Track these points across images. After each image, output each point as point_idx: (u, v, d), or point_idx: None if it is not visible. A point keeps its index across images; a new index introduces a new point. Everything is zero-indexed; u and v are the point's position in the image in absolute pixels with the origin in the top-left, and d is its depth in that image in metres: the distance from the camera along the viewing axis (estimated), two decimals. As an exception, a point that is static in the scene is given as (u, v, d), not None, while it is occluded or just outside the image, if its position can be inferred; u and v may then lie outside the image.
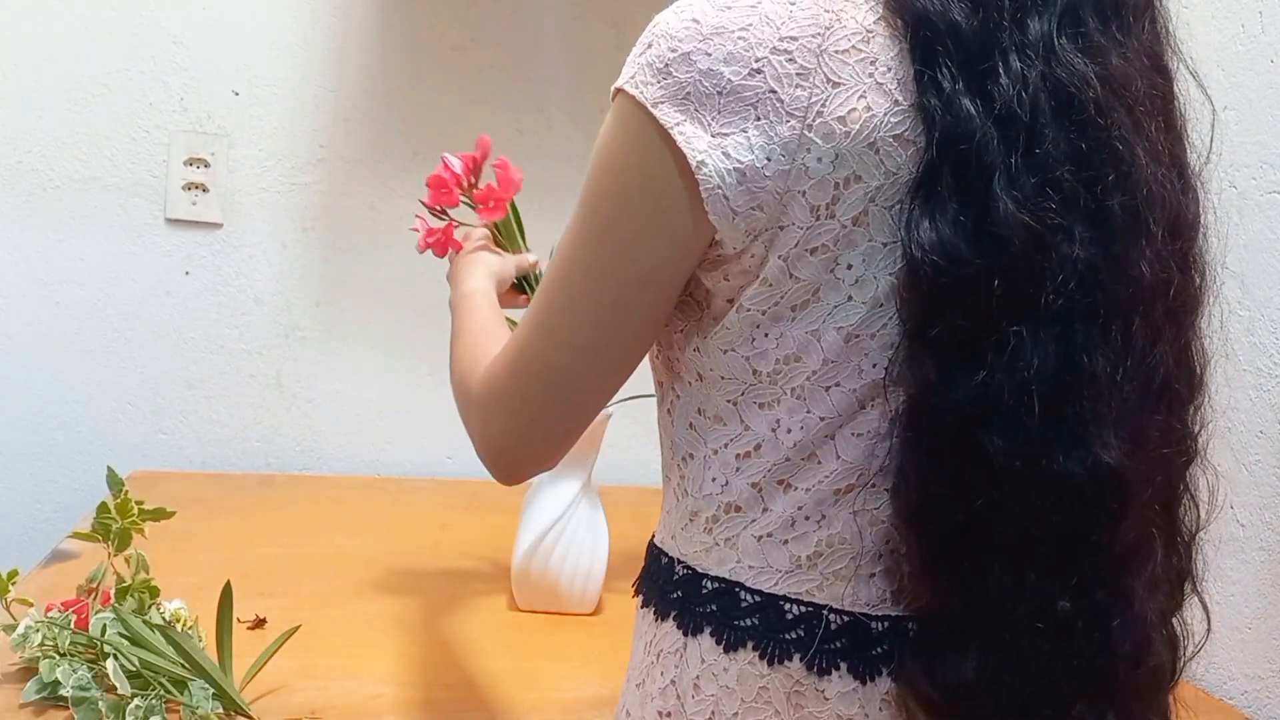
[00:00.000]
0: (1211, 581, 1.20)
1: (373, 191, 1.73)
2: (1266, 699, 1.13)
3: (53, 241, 1.65)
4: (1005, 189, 0.64)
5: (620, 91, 0.68)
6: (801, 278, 0.67)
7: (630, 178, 0.68)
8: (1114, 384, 0.66)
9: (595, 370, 0.73)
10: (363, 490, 1.68)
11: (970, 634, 0.67)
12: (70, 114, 1.63)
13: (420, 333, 1.76)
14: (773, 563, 0.72)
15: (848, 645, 0.71)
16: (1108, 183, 0.66)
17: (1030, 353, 0.64)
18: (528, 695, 1.07)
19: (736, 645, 0.72)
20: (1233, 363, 1.18)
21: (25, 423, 1.66)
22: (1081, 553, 0.67)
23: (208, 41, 1.66)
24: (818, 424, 0.70)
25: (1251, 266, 1.17)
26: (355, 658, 1.11)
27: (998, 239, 0.64)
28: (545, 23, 1.75)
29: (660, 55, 0.66)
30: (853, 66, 0.65)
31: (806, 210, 0.66)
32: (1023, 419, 0.64)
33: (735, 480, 0.72)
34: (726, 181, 0.65)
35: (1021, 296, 0.64)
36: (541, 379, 0.74)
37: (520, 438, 0.76)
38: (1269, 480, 1.14)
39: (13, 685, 0.96)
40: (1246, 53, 1.19)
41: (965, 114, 0.64)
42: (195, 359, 1.71)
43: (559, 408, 0.74)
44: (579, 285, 0.71)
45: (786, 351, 0.69)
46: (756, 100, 0.65)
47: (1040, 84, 0.65)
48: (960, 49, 0.65)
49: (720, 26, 0.65)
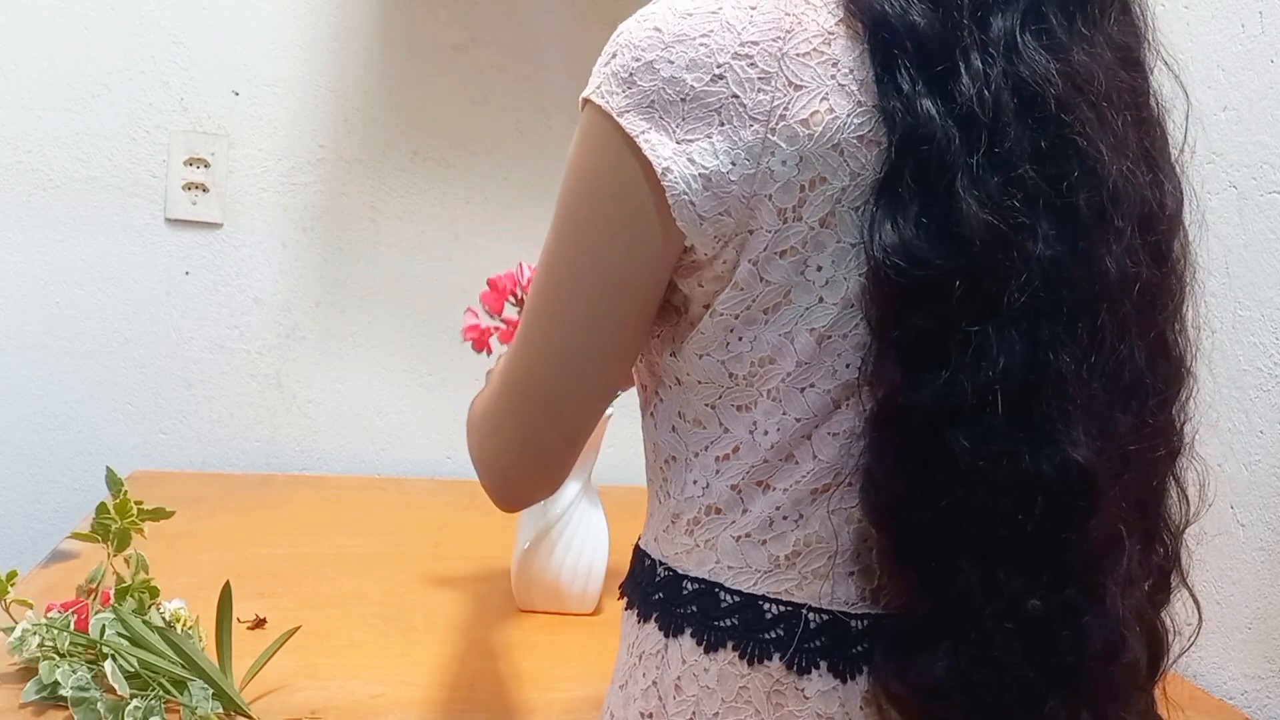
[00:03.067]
0: (1211, 581, 1.20)
1: (373, 191, 1.73)
2: (1266, 699, 1.13)
3: (53, 241, 1.65)
4: (967, 189, 0.64)
5: (587, 101, 0.69)
6: (772, 281, 0.68)
7: (600, 185, 0.69)
8: (1081, 381, 0.66)
9: (578, 380, 0.73)
10: (363, 490, 1.68)
11: (941, 634, 0.67)
12: (70, 114, 1.63)
13: (420, 333, 1.76)
14: (751, 563, 0.72)
15: (827, 644, 0.71)
16: (1071, 179, 0.66)
17: (995, 352, 0.64)
18: (528, 695, 1.07)
19: (716, 645, 0.72)
20: (1233, 363, 1.18)
21: (25, 423, 1.66)
22: (1051, 550, 0.67)
23: (208, 41, 1.66)
24: (794, 425, 0.70)
25: (1251, 266, 1.17)
26: (355, 658, 1.11)
27: (960, 239, 0.64)
28: (545, 23, 1.75)
29: (624, 64, 0.67)
30: (814, 69, 0.66)
31: (773, 213, 0.66)
32: (988, 418, 0.64)
33: (715, 482, 0.73)
34: (692, 188, 0.66)
35: (985, 296, 0.64)
36: (528, 393, 0.74)
37: (514, 457, 0.76)
38: (1269, 480, 1.14)
39: (12, 685, 0.96)
40: (1246, 53, 1.19)
41: (925, 115, 0.64)
42: (195, 359, 1.71)
43: (547, 422, 0.74)
44: (557, 295, 0.72)
45: (760, 354, 0.70)
46: (719, 106, 0.65)
47: (1002, 82, 0.65)
48: (920, 50, 0.65)
49: (682, 34, 0.66)
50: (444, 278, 1.76)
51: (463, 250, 1.76)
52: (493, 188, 1.76)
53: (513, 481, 0.78)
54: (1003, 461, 0.65)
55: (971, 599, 0.66)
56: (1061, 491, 0.66)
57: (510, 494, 0.79)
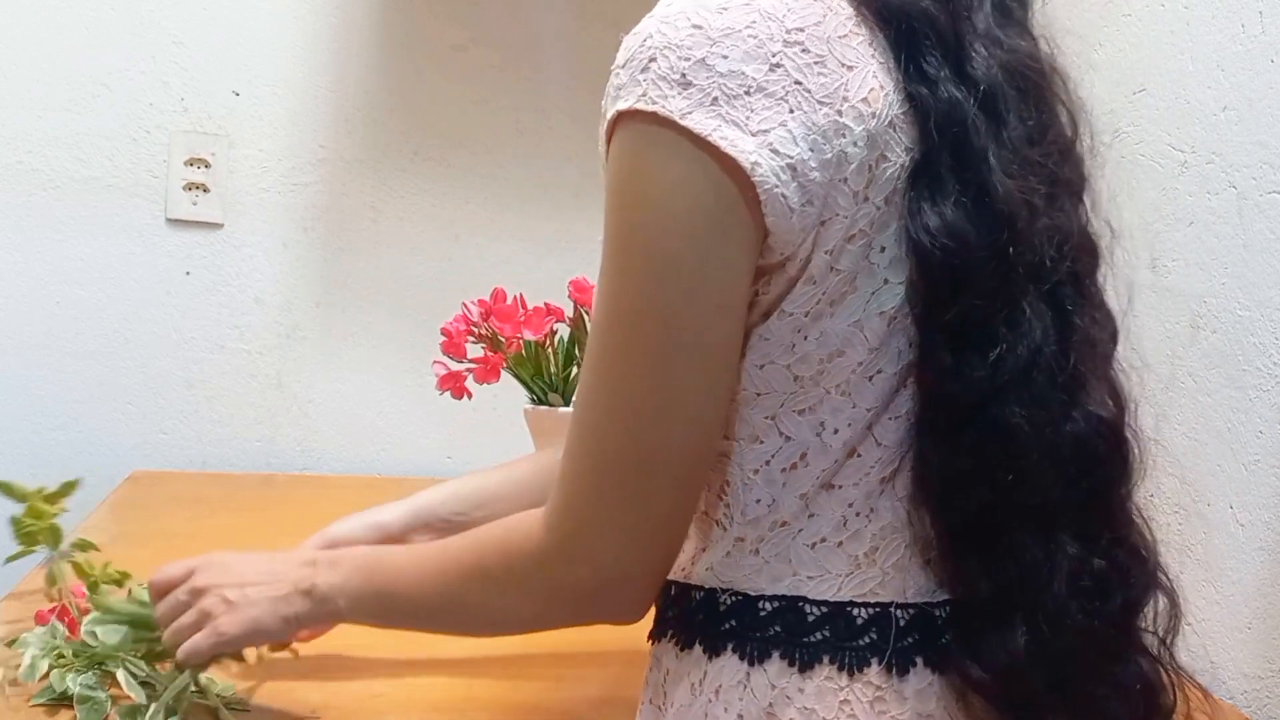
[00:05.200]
0: (1211, 581, 1.20)
1: (373, 191, 1.73)
2: (1266, 699, 1.13)
3: (53, 241, 1.65)
4: (996, 168, 0.66)
5: (631, 114, 0.63)
6: (842, 269, 0.66)
7: (671, 200, 0.63)
8: (1096, 340, 0.71)
9: (689, 427, 0.66)
10: (363, 490, 1.68)
11: (1010, 612, 0.67)
12: (70, 114, 1.63)
13: (420, 333, 1.76)
14: (831, 568, 0.70)
15: (919, 639, 0.69)
16: (1056, 156, 0.71)
17: (1033, 321, 0.67)
18: (528, 695, 1.07)
19: (811, 662, 0.69)
20: (1233, 363, 1.18)
21: (25, 423, 1.66)
22: (1099, 511, 0.70)
23: (208, 41, 1.66)
24: (864, 416, 0.69)
25: (1251, 266, 1.17)
26: (355, 658, 1.10)
27: (1001, 214, 0.66)
28: (545, 23, 1.75)
29: (672, 66, 0.62)
30: (856, 49, 0.66)
31: (849, 197, 0.65)
32: (1036, 388, 0.66)
33: (782, 496, 0.69)
34: (782, 179, 0.62)
35: (1025, 268, 0.67)
36: (637, 462, 0.66)
37: (646, 548, 0.68)
38: (1269, 480, 1.14)
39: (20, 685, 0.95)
40: (1246, 53, 1.19)
41: (954, 99, 0.66)
42: (195, 359, 1.71)
43: (668, 486, 0.67)
44: (642, 341, 0.65)
45: (829, 349, 0.67)
46: (785, 94, 0.63)
47: (999, 69, 0.69)
48: (939, 37, 0.67)
49: (727, 28, 0.63)
50: (444, 278, 1.76)
51: (463, 250, 1.76)
52: (493, 188, 1.76)
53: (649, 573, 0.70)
54: (1055, 426, 0.67)
55: (1038, 571, 0.67)
56: (1100, 449, 0.69)
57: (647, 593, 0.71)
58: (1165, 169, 1.28)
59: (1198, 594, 1.21)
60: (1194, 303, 1.24)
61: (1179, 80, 1.27)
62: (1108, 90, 1.36)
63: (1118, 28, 1.38)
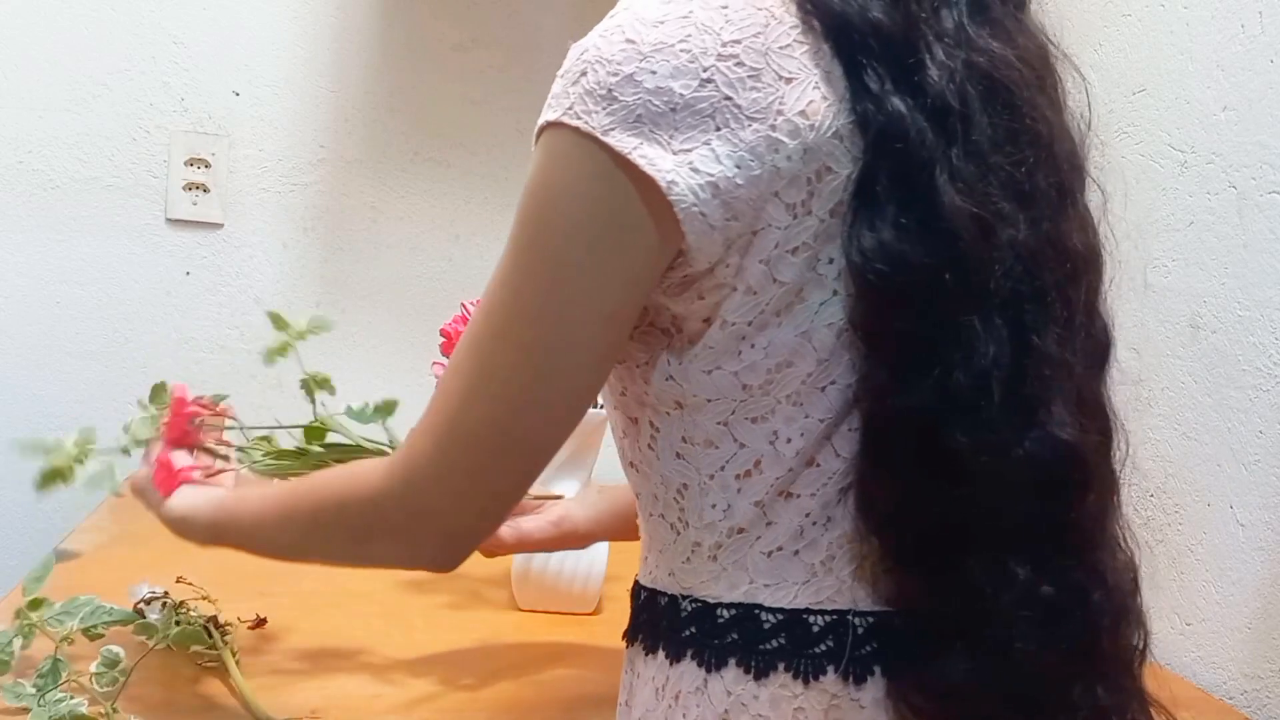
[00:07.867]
0: (1211, 581, 1.20)
1: (373, 191, 1.73)
2: (1266, 699, 1.13)
3: (53, 242, 1.65)
4: (948, 181, 0.64)
5: (555, 125, 0.64)
6: (785, 280, 0.65)
7: (580, 212, 0.64)
8: (1063, 360, 0.67)
9: (548, 420, 0.68)
10: (363, 490, 1.68)
11: (954, 634, 0.66)
12: (71, 114, 1.63)
13: (420, 333, 1.76)
14: (788, 576, 0.70)
15: (878, 647, 0.69)
16: (1030, 163, 0.67)
17: (985, 343, 0.64)
18: (528, 695, 1.07)
19: (766, 670, 0.69)
20: (1233, 363, 1.18)
21: (25, 423, 1.66)
22: (1054, 534, 0.67)
23: (208, 41, 1.66)
24: (817, 427, 0.68)
25: (1251, 266, 1.17)
26: (355, 658, 1.11)
27: (946, 233, 0.64)
28: (545, 23, 1.75)
29: (600, 81, 0.63)
30: (799, 60, 0.64)
31: (783, 210, 0.64)
32: (984, 411, 0.64)
33: (737, 502, 0.70)
34: (701, 197, 0.62)
35: (972, 287, 0.65)
36: (489, 443, 0.68)
37: (478, 512, 0.72)
38: (1269, 480, 1.14)
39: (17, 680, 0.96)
40: (1246, 53, 1.19)
41: (896, 113, 0.64)
42: (196, 359, 1.71)
43: (513, 468, 0.69)
44: (524, 335, 0.66)
45: (777, 359, 0.67)
46: (713, 110, 0.62)
47: (966, 71, 0.66)
48: (885, 47, 0.65)
49: (659, 42, 0.63)
50: (444, 278, 1.76)
51: (463, 250, 1.76)
52: (493, 188, 1.76)
53: (474, 534, 0.73)
54: (1003, 451, 0.65)
55: (984, 595, 0.65)
56: (1057, 473, 0.66)
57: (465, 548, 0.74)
58: (1165, 169, 1.28)
59: (1198, 594, 1.21)
60: (1194, 303, 1.24)
61: (1179, 80, 1.27)
62: (1108, 90, 1.36)
63: (1118, 28, 1.38)
